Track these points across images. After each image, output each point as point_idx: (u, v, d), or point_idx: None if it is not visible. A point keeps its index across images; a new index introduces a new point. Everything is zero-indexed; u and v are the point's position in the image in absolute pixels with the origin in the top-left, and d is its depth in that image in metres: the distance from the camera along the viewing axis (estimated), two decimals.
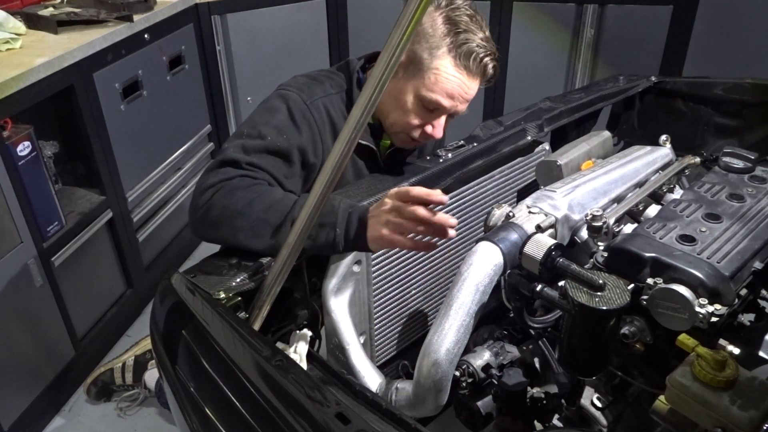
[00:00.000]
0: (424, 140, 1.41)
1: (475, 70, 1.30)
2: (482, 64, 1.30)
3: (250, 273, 1.10)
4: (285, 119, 1.27)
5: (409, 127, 1.36)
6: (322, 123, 1.32)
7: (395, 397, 1.15)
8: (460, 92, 1.31)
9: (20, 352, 1.86)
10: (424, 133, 1.37)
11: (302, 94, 1.31)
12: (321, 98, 1.33)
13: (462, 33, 1.27)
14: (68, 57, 1.90)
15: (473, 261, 1.06)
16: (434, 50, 1.28)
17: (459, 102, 1.34)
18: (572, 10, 2.81)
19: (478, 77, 1.32)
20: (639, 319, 1.03)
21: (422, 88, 1.30)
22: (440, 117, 1.36)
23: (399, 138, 1.41)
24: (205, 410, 0.89)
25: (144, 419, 2.06)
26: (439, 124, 1.37)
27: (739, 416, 0.83)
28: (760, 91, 1.64)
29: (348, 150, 0.92)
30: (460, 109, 1.36)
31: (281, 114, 1.28)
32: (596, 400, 1.13)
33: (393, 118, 1.36)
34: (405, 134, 1.38)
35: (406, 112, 1.34)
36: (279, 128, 1.26)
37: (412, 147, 1.47)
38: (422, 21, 1.23)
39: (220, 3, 2.69)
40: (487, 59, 1.31)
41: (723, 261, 1.00)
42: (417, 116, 1.35)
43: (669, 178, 1.31)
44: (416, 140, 1.40)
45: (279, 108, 1.29)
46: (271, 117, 1.27)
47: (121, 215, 2.25)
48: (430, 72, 1.29)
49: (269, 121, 1.26)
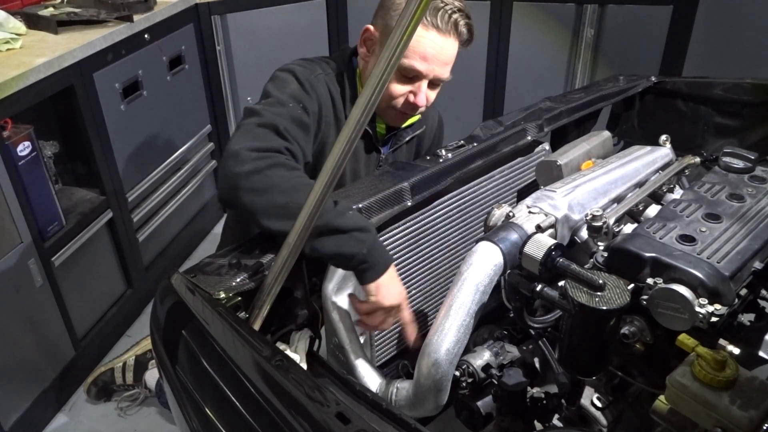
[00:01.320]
0: (411, 111, 1.41)
1: (445, 28, 1.29)
2: (451, 20, 1.29)
3: (250, 273, 1.10)
4: (297, 88, 1.30)
5: (391, 99, 1.37)
6: (325, 96, 1.35)
7: (395, 397, 1.15)
8: (434, 53, 1.31)
9: (20, 352, 1.85)
10: (407, 102, 1.38)
11: (305, 70, 1.35)
12: (321, 74, 1.37)
13: None
14: (68, 57, 1.90)
15: (473, 261, 1.06)
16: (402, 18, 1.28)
17: (436, 65, 1.33)
18: (572, 10, 2.81)
19: (451, 35, 1.31)
20: (639, 319, 1.03)
21: None
22: (420, 83, 1.36)
23: (388, 115, 1.43)
24: (205, 410, 0.89)
25: (144, 419, 2.06)
26: (420, 90, 1.36)
27: (739, 416, 0.83)
28: (760, 91, 1.64)
29: (348, 149, 0.92)
30: (439, 72, 1.36)
31: (293, 84, 1.31)
32: (596, 400, 1.13)
33: None
34: (391, 109, 1.40)
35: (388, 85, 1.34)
36: (295, 97, 1.28)
37: (403, 121, 1.48)
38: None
39: (220, 3, 2.69)
40: (456, 15, 1.30)
41: (723, 261, 1.00)
42: (399, 87, 1.35)
43: (669, 178, 1.31)
44: (404, 113, 1.41)
45: (288, 79, 1.32)
46: (284, 87, 1.30)
47: (121, 215, 2.25)
48: None
49: (284, 90, 1.29)
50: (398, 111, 1.41)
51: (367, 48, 1.39)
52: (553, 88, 2.52)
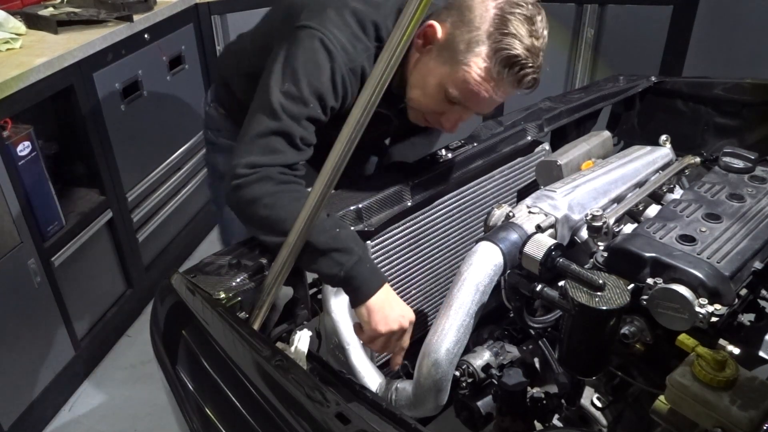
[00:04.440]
0: (436, 127, 1.33)
1: (509, 80, 1.18)
2: (518, 75, 1.17)
3: (250, 273, 1.10)
4: (326, 84, 1.17)
5: (425, 110, 1.28)
6: (355, 89, 1.23)
7: (395, 397, 1.15)
8: (485, 97, 1.20)
9: (20, 352, 1.85)
10: (438, 121, 1.29)
11: (347, 56, 1.19)
12: (362, 61, 1.22)
13: (508, 36, 1.13)
14: (68, 57, 1.90)
15: (473, 261, 1.06)
16: (473, 45, 1.15)
17: (482, 107, 1.25)
18: (572, 10, 2.81)
19: (512, 87, 1.20)
20: (639, 319, 1.03)
21: (448, 79, 1.19)
22: (459, 113, 1.26)
23: (414, 114, 1.32)
24: (205, 410, 0.89)
25: (144, 419, 2.06)
26: (454, 119, 1.27)
27: (739, 416, 0.83)
28: (760, 91, 1.64)
29: (348, 150, 0.92)
30: (483, 111, 1.28)
31: (324, 76, 1.16)
32: (596, 400, 1.13)
33: (413, 94, 1.26)
34: (420, 113, 1.30)
35: (427, 95, 1.24)
36: (319, 95, 1.16)
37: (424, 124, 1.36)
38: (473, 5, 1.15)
39: (220, 3, 2.69)
40: (526, 71, 1.17)
41: (723, 261, 1.00)
42: (435, 103, 1.25)
43: (669, 178, 1.31)
44: (429, 123, 1.32)
45: (323, 67, 1.16)
46: (311, 76, 1.16)
47: (121, 215, 2.25)
48: (461, 66, 1.16)
49: (311, 81, 1.15)
50: (423, 118, 1.32)
51: (424, 42, 1.22)
52: (553, 88, 2.51)
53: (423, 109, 1.28)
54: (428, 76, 1.21)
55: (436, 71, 1.20)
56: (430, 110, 1.27)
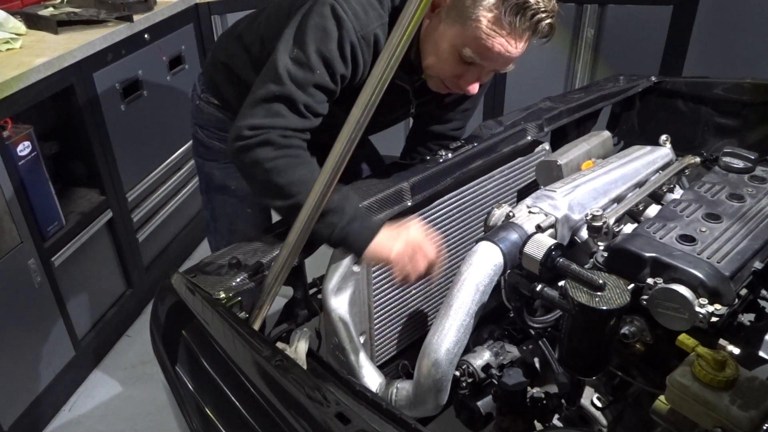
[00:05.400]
0: (457, 92, 1.30)
1: (523, 29, 1.13)
2: (533, 21, 1.13)
3: (250, 273, 1.10)
4: (334, 51, 1.16)
5: (442, 75, 1.25)
6: (368, 58, 1.21)
7: (395, 397, 1.15)
8: (501, 51, 1.15)
9: (20, 352, 1.85)
10: (457, 84, 1.26)
11: (357, 23, 1.17)
12: (375, 28, 1.19)
13: None
14: (68, 57, 1.90)
15: (473, 261, 1.06)
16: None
17: (499, 64, 1.20)
18: (572, 10, 2.81)
19: (526, 36, 1.16)
20: (639, 319, 1.03)
21: (459, 39, 1.16)
22: (476, 73, 1.23)
23: (433, 82, 1.29)
24: (205, 410, 0.89)
25: (144, 419, 2.06)
26: (473, 80, 1.24)
27: (739, 416, 0.83)
28: (760, 91, 1.64)
29: (355, 137, 0.91)
30: (500, 68, 1.24)
31: (332, 43, 1.15)
32: (596, 400, 1.13)
33: (429, 61, 1.24)
34: (439, 79, 1.27)
35: (442, 60, 1.21)
36: (327, 61, 1.16)
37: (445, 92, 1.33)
38: None
39: (220, 3, 2.69)
40: (540, 15, 1.13)
41: (723, 261, 1.00)
42: (451, 67, 1.21)
43: (669, 178, 1.31)
44: (449, 89, 1.29)
45: (331, 33, 1.15)
46: (320, 42, 1.15)
47: (121, 215, 2.25)
48: (470, 23, 1.13)
49: (319, 47, 1.15)
50: (443, 84, 1.28)
51: (432, 7, 1.19)
52: (553, 88, 2.51)
53: (441, 75, 1.25)
54: (440, 40, 1.19)
55: (447, 33, 1.18)
56: (448, 75, 1.24)
